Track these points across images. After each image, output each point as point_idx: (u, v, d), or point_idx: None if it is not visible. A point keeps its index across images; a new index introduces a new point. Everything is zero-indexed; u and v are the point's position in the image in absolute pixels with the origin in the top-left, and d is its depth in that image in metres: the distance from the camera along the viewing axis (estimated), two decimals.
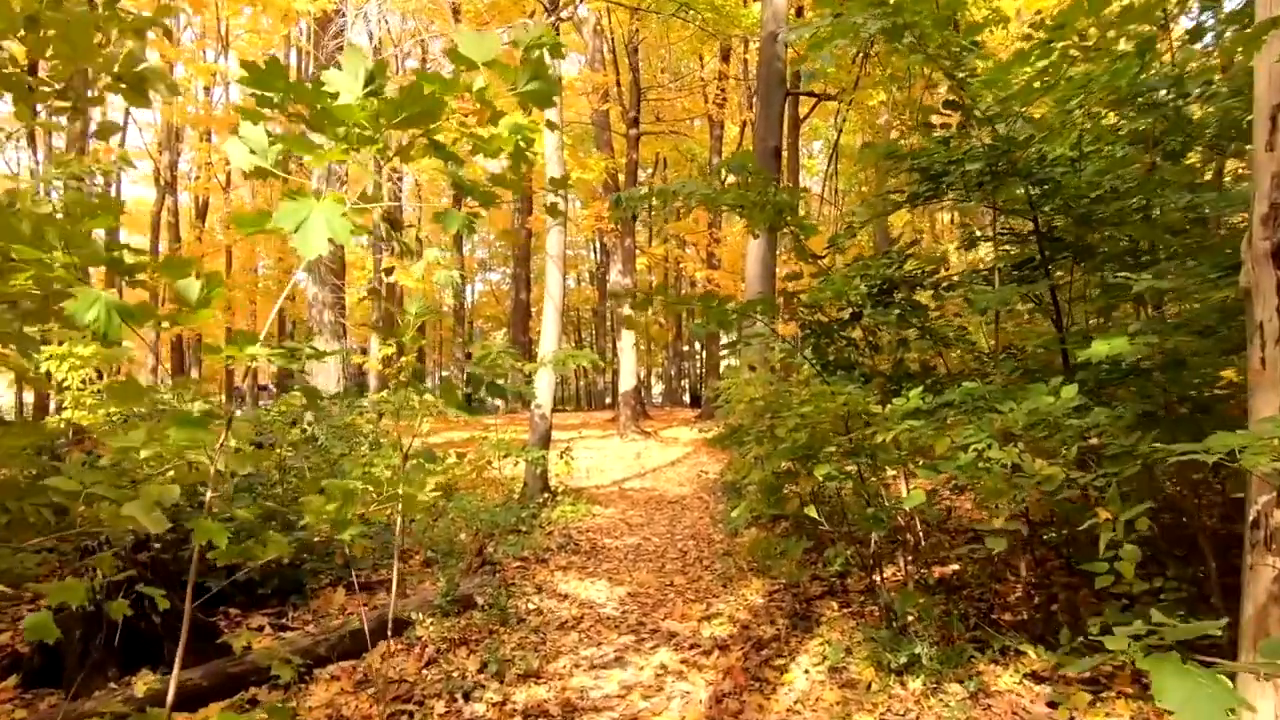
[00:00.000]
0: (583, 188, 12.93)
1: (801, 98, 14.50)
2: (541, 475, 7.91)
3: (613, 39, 16.38)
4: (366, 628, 3.71)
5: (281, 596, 4.88)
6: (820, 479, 3.74)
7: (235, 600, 4.76)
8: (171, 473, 1.66)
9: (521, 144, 2.08)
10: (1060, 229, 4.30)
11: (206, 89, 22.30)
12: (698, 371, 37.75)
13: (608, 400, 26.50)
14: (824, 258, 4.53)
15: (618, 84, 16.10)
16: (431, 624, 4.29)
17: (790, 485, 4.07)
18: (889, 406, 3.81)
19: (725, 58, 16.08)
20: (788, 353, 4.49)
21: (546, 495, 7.67)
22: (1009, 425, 3.50)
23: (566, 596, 5.11)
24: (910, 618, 3.94)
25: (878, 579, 4.68)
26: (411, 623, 4.27)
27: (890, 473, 4.54)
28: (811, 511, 3.94)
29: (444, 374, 32.09)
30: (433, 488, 5.87)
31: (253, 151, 1.61)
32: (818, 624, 4.39)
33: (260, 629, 4.47)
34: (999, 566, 5.16)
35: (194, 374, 28.82)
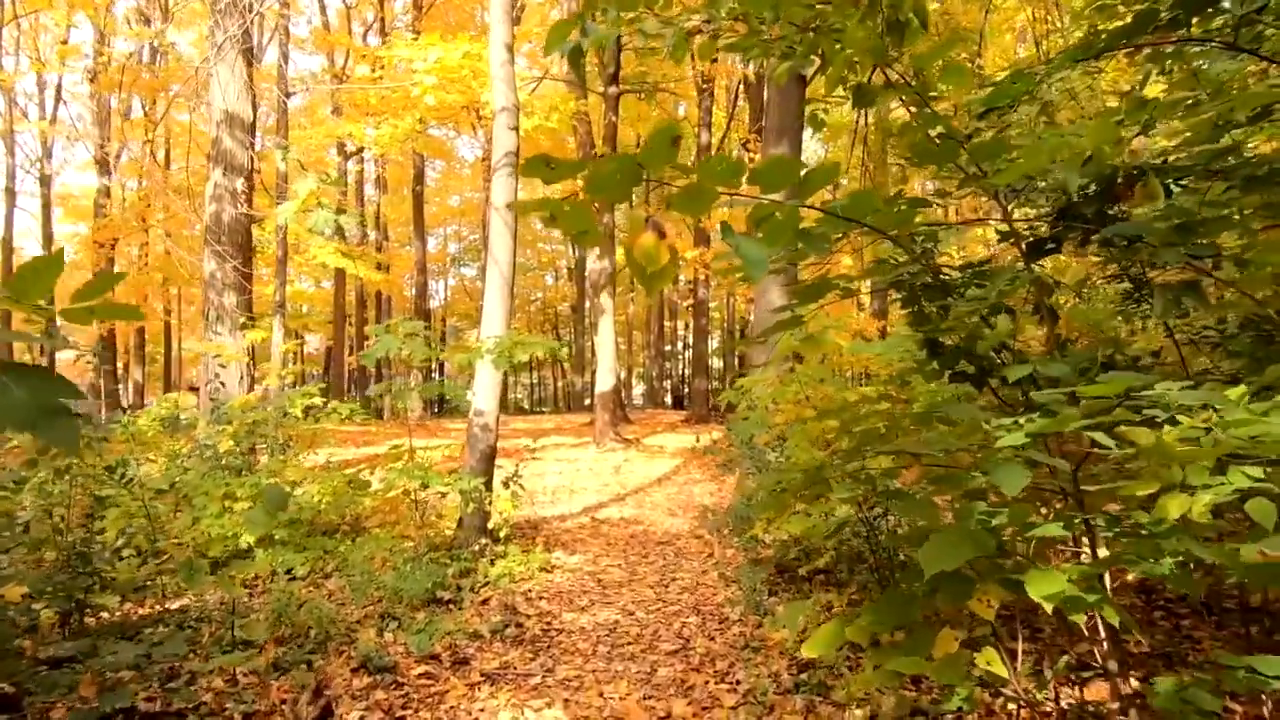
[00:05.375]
0: (549, 144, 10.68)
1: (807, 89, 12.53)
2: (480, 512, 5.61)
3: None
4: None
5: None
6: (1043, 601, 1.58)
7: None
8: None
9: None
10: None
11: (154, 58, 20.20)
12: (681, 371, 35.42)
13: (586, 401, 24.18)
14: (971, 137, 2.36)
15: None
16: None
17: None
18: (1148, 436, 1.70)
19: None
20: (942, 319, 2.25)
21: (485, 542, 5.38)
22: None
23: None
24: None
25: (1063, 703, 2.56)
26: None
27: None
28: (999, 668, 1.76)
29: (399, 380, 29.44)
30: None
31: None
32: None
33: None
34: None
35: (138, 374, 26.15)
